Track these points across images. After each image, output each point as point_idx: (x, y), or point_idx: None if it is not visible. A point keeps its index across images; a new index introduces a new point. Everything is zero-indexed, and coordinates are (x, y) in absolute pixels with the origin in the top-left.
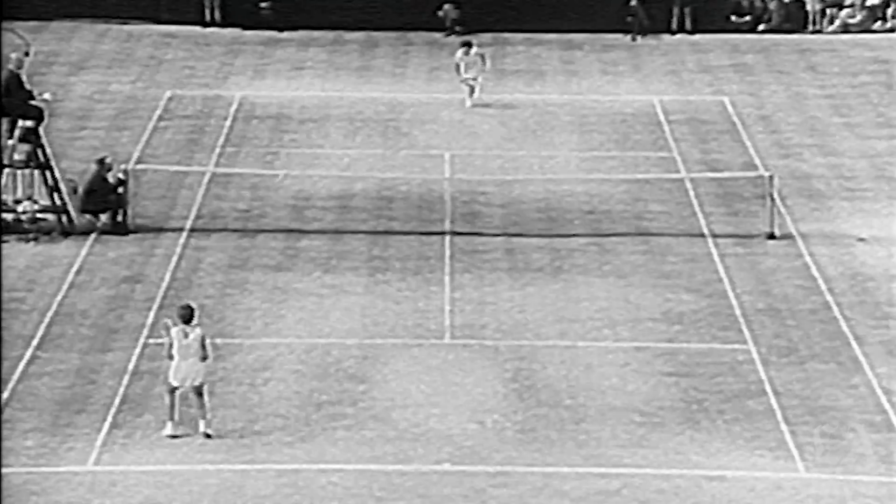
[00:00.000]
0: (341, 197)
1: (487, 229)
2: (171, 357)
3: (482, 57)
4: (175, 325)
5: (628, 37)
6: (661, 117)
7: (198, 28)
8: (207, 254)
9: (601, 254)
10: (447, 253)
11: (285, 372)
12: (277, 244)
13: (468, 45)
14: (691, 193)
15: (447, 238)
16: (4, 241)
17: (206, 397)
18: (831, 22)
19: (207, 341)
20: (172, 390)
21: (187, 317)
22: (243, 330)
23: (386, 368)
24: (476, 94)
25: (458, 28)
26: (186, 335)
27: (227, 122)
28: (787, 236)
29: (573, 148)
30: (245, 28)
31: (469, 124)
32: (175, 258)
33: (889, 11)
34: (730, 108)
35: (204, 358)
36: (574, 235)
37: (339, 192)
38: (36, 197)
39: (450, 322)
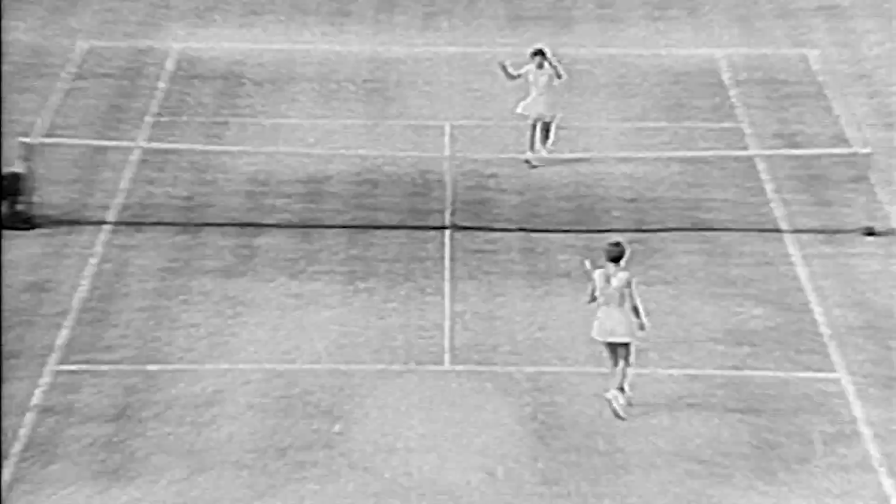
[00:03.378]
0: (311, 181)
1: (499, 222)
2: (593, 301)
3: (556, 71)
4: (597, 266)
5: None
6: (726, 77)
7: None
8: (137, 254)
9: (647, 254)
10: (447, 253)
11: (239, 407)
12: (228, 242)
13: (541, 53)
14: (764, 176)
15: (447, 234)
16: None
17: (628, 357)
18: None
19: (634, 285)
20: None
21: (614, 255)
22: (184, 352)
23: (368, 402)
24: (551, 139)
25: None
26: (609, 279)
27: (162, 84)
28: (891, 232)
29: (611, 117)
30: None
31: (476, 87)
32: (95, 260)
33: None
34: (815, 66)
35: (636, 311)
36: (611, 231)
37: (308, 175)
38: None
39: (450, 342)
